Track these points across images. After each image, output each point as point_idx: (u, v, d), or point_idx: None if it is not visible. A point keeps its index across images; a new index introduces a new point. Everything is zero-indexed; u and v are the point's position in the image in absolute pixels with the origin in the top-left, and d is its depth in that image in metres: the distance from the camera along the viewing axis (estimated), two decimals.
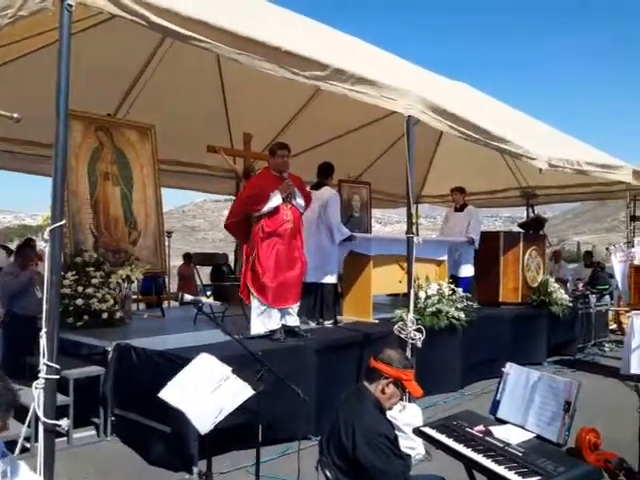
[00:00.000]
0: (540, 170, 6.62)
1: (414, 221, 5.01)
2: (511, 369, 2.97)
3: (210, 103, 8.07)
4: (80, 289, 5.78)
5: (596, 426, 2.69)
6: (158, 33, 3.93)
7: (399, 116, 5.02)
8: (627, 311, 7.49)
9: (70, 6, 2.91)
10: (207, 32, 3.60)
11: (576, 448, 2.40)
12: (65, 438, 4.53)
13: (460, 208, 8.48)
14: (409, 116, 4.94)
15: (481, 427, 2.79)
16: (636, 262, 7.38)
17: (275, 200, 4.99)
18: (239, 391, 2.83)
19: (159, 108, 7.34)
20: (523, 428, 2.72)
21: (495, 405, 2.96)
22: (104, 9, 3.11)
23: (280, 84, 5.07)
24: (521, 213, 12.38)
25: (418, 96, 5.03)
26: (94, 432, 4.89)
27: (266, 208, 4.98)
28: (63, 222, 2.92)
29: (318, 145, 9.13)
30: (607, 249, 8.49)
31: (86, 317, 5.77)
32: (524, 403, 2.79)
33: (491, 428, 2.77)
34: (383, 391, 2.77)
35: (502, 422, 2.86)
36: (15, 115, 2.91)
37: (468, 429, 2.80)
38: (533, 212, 10.03)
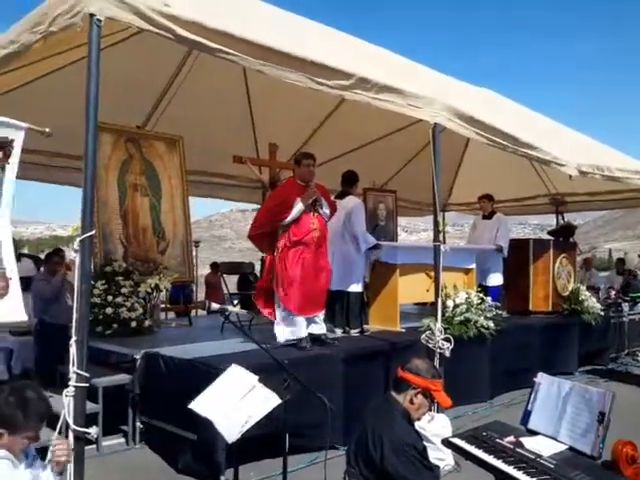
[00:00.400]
0: (570, 176, 6.51)
1: (441, 229, 4.95)
2: (542, 379, 2.90)
3: (236, 114, 8.15)
4: (110, 298, 5.87)
5: (632, 438, 2.61)
6: (185, 46, 3.97)
7: (425, 124, 4.99)
8: None
9: (99, 21, 2.97)
10: (233, 44, 3.63)
11: (612, 461, 2.32)
12: (94, 445, 4.58)
13: (488, 216, 8.39)
14: (435, 124, 4.91)
15: (512, 438, 2.73)
16: None
17: (298, 208, 4.99)
18: (266, 400, 2.83)
19: (187, 119, 7.44)
20: (555, 439, 2.66)
21: (526, 416, 2.89)
22: (132, 23, 3.17)
23: (305, 94, 5.09)
24: (550, 220, 12.20)
25: (444, 103, 5.00)
26: (123, 440, 4.94)
27: (290, 217, 4.99)
28: (92, 232, 2.97)
29: (343, 154, 9.12)
30: (639, 256, 8.29)
31: (115, 326, 5.85)
32: (556, 414, 2.72)
33: (522, 439, 2.71)
34: (412, 401, 2.74)
35: (533, 433, 2.79)
36: (47, 130, 2.99)
37: (498, 440, 2.74)
38: (563, 219, 9.87)
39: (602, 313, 8.24)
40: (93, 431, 2.92)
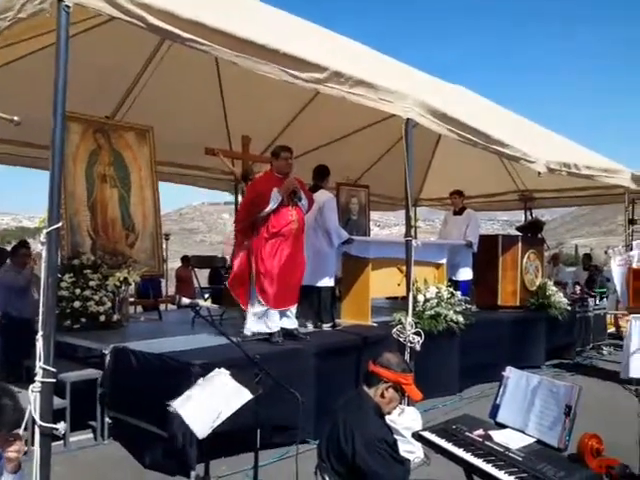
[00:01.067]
0: (539, 173, 6.61)
1: (413, 224, 4.98)
2: (511, 373, 2.95)
3: (208, 105, 8.06)
4: (77, 291, 5.76)
5: (597, 431, 2.67)
6: (156, 35, 3.90)
7: (397, 119, 5.01)
8: (625, 314, 7.47)
9: (67, 7, 2.90)
10: (205, 34, 3.58)
11: (578, 454, 2.38)
12: (62, 442, 4.51)
13: (459, 211, 8.48)
14: (408, 119, 4.93)
15: (481, 431, 2.77)
16: (634, 265, 7.36)
17: (276, 199, 4.97)
18: (237, 395, 2.82)
19: (157, 110, 7.33)
20: (523, 432, 2.70)
21: (495, 409, 2.94)
22: (102, 11, 3.10)
23: (278, 87, 5.05)
24: (519, 217, 12.40)
25: (416, 99, 5.03)
26: (91, 435, 4.87)
27: (269, 207, 4.96)
28: (59, 224, 2.91)
29: (316, 148, 9.11)
30: (606, 252, 8.48)
31: (83, 320, 5.75)
32: (524, 407, 2.77)
33: (491, 432, 2.75)
34: (382, 395, 2.75)
35: (502, 426, 2.84)
36: (15, 118, 2.91)
37: (468, 433, 2.78)
38: (531, 215, 10.03)
39: (569, 308, 8.41)
40: (60, 427, 2.86)
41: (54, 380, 2.89)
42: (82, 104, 6.00)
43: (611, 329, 10.42)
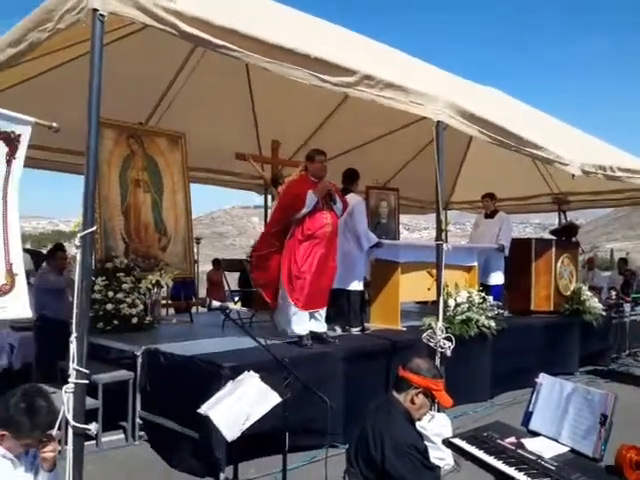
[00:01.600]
0: (573, 176, 6.48)
1: (443, 228, 4.94)
2: (544, 380, 2.89)
3: (239, 111, 8.14)
4: (110, 294, 5.87)
5: (634, 441, 2.59)
6: (189, 42, 3.95)
7: (427, 122, 4.97)
8: None
9: (102, 16, 2.96)
10: (237, 41, 3.61)
11: (616, 465, 2.32)
12: (94, 442, 4.59)
13: (491, 214, 8.36)
14: (438, 121, 4.89)
15: (513, 439, 2.73)
16: None
17: (312, 201, 5.00)
18: (266, 398, 2.83)
19: (189, 116, 7.44)
20: (557, 441, 2.65)
21: (527, 416, 2.88)
22: (136, 19, 3.16)
23: (308, 91, 5.07)
24: (552, 220, 12.17)
25: (447, 101, 4.98)
26: (122, 436, 4.95)
27: (305, 210, 4.98)
28: (94, 228, 2.97)
29: (346, 152, 9.10)
30: None
31: (116, 322, 5.85)
32: (558, 415, 2.71)
33: (523, 440, 2.70)
34: (412, 401, 2.73)
35: (534, 434, 2.79)
36: (54, 125, 2.98)
37: (499, 441, 2.74)
38: (565, 219, 9.84)
39: (604, 313, 8.21)
40: (93, 427, 2.91)
41: (87, 381, 2.94)
42: (116, 111, 6.12)
43: None
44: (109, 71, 3.07)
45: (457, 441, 2.88)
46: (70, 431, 2.86)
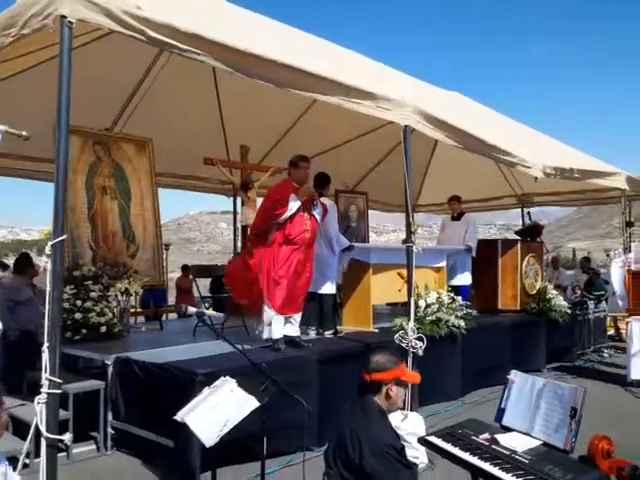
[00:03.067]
0: (535, 179, 6.65)
1: (413, 230, 5.01)
2: (516, 376, 2.96)
3: (207, 116, 8.11)
4: (79, 303, 5.76)
5: (600, 432, 2.68)
6: (156, 47, 3.94)
7: (393, 126, 5.06)
8: (625, 316, 7.50)
9: (71, 23, 2.93)
10: (204, 46, 3.63)
11: (589, 456, 2.39)
12: (65, 453, 4.50)
13: (457, 216, 8.52)
14: (405, 125, 4.97)
15: (487, 435, 2.78)
16: (633, 268, 7.40)
17: (294, 204, 5.01)
18: (244, 403, 2.83)
19: (156, 121, 7.38)
20: (529, 435, 2.71)
21: (500, 413, 2.95)
22: (104, 25, 3.14)
23: (276, 96, 5.10)
24: (516, 221, 12.44)
25: (413, 106, 5.08)
26: (94, 447, 4.86)
27: (288, 212, 4.99)
28: (64, 237, 2.93)
29: (314, 156, 9.13)
30: (608, 255, 8.53)
31: (84, 331, 5.74)
32: (530, 410, 2.78)
33: (497, 436, 2.76)
34: (388, 396, 2.75)
35: (508, 430, 2.85)
36: (24, 133, 2.93)
37: (474, 437, 2.79)
38: (530, 219, 10.07)
39: (569, 311, 8.43)
40: (67, 438, 2.88)
41: (60, 391, 2.90)
42: (81, 117, 6.00)
43: (611, 331, 10.45)
44: (73, 76, 3.03)
45: (433, 439, 2.93)
46: (43, 443, 2.82)
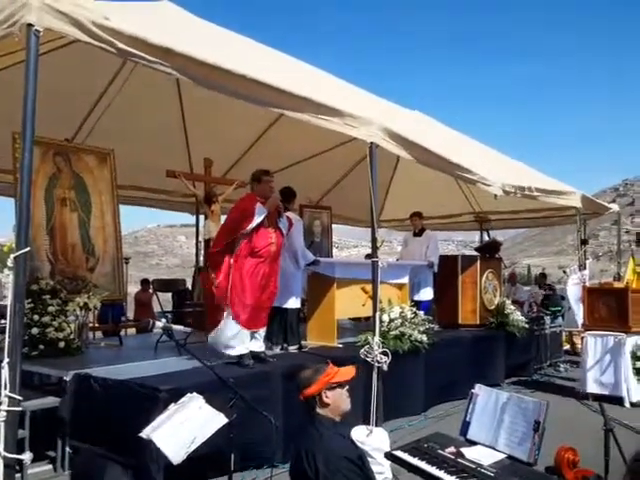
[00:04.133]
0: (495, 196, 6.83)
1: (379, 245, 5.07)
2: (480, 390, 3.03)
3: (170, 128, 8.04)
4: (36, 317, 5.58)
5: (558, 444, 2.76)
6: (124, 58, 3.91)
7: (356, 142, 5.13)
8: (580, 331, 7.72)
9: (38, 32, 2.89)
10: (173, 59, 3.63)
11: (555, 466, 2.47)
12: (19, 474, 4.32)
13: (419, 233, 8.65)
14: (372, 142, 5.05)
15: (452, 449, 2.83)
16: (588, 284, 7.65)
17: (260, 215, 4.99)
18: (212, 419, 2.79)
19: (119, 133, 7.27)
20: (494, 449, 2.77)
21: (465, 426, 3.00)
22: (72, 35, 3.11)
23: (240, 110, 5.12)
24: (473, 237, 12.72)
25: (380, 124, 5.18)
26: (50, 467, 4.69)
27: (254, 222, 4.96)
28: (27, 249, 2.85)
29: (278, 170, 9.16)
30: (564, 272, 8.78)
31: (42, 346, 5.56)
32: (494, 424, 2.84)
33: (462, 449, 2.81)
34: (326, 404, 2.74)
35: (473, 443, 2.90)
36: None
37: (440, 451, 2.83)
38: (488, 236, 10.32)
39: (526, 326, 8.62)
40: (26, 457, 2.78)
41: (20, 409, 2.81)
42: (42, 127, 5.85)
43: (566, 346, 10.73)
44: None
45: (399, 453, 2.96)
46: (0, 462, 2.71)
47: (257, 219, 4.99)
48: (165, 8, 6.08)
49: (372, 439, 4.36)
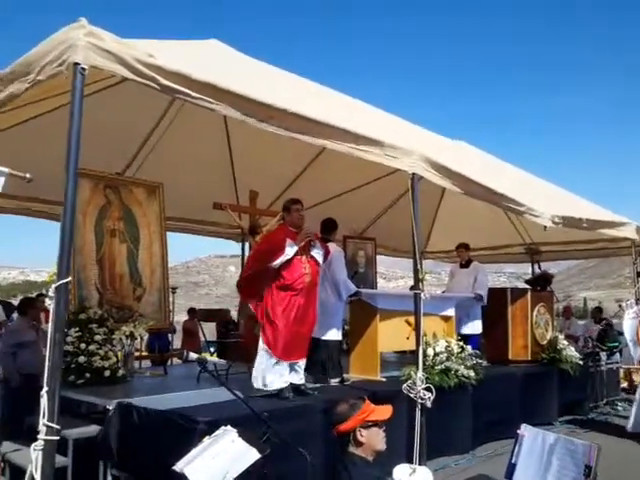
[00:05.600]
0: (545, 227, 6.63)
1: (422, 277, 4.96)
2: (526, 431, 2.87)
3: (217, 161, 8.23)
4: (82, 346, 5.71)
5: None
6: (168, 95, 4.02)
7: (402, 173, 5.08)
8: (638, 369, 7.31)
9: (83, 69, 3.00)
10: (215, 94, 3.70)
11: None
12: None
13: (466, 264, 8.46)
14: (413, 173, 5.00)
15: None
16: None
17: (291, 249, 4.95)
18: (244, 455, 2.74)
19: (168, 166, 7.49)
20: None
21: (511, 468, 2.85)
22: (116, 72, 3.21)
23: (286, 142, 5.16)
24: (525, 269, 12.34)
25: (421, 154, 5.12)
26: None
27: (282, 257, 4.92)
28: (69, 279, 2.91)
29: (322, 202, 9.20)
30: (620, 306, 8.39)
31: (88, 375, 5.67)
32: (541, 467, 2.68)
33: None
34: (360, 443, 2.66)
35: None
36: (27, 175, 2.97)
37: None
38: (539, 268, 9.99)
39: (581, 362, 8.24)
40: None
41: (57, 438, 2.83)
42: (93, 161, 6.13)
43: (624, 384, 10.18)
44: (87, 121, 3.09)
45: None
46: None
47: (287, 254, 4.93)
48: (213, 47, 6.29)
49: (415, 478, 4.20)
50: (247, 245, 8.48)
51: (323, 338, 5.84)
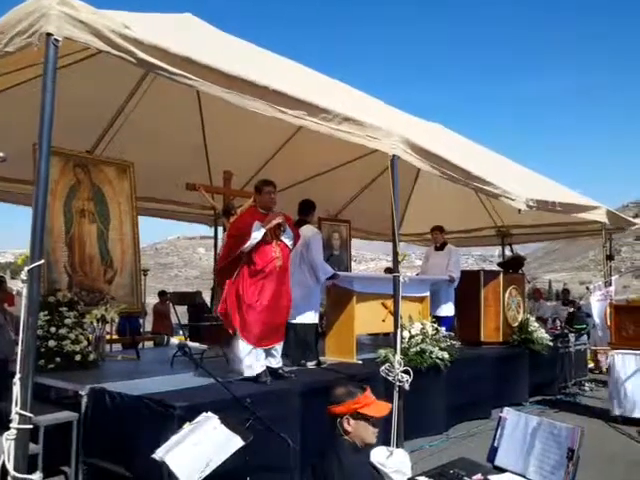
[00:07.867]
0: (519, 211, 6.67)
1: (400, 259, 4.94)
2: (508, 414, 2.88)
3: (190, 140, 8.03)
4: (52, 330, 5.54)
5: (587, 470, 2.59)
6: (145, 69, 3.88)
7: (376, 155, 5.03)
8: (607, 350, 7.48)
9: (57, 41, 2.85)
10: (195, 70, 3.57)
11: None
12: None
13: (440, 247, 8.49)
14: (394, 155, 4.95)
15: (479, 476, 2.69)
16: (614, 301, 7.42)
17: (258, 233, 4.83)
18: (227, 442, 2.68)
19: (139, 145, 7.27)
20: (523, 477, 2.63)
21: (493, 452, 2.86)
22: (91, 45, 3.06)
23: (260, 122, 5.05)
24: (492, 251, 12.50)
25: (401, 136, 5.07)
26: None
27: (250, 241, 4.81)
28: (42, 262, 2.79)
29: (297, 183, 9.11)
30: (587, 288, 8.56)
31: (58, 359, 5.52)
32: (524, 450, 2.69)
33: (490, 477, 2.66)
34: (346, 431, 2.63)
35: (501, 470, 2.76)
36: (1, 154, 2.82)
37: (466, 478, 2.69)
38: (511, 251, 10.11)
39: (551, 344, 8.40)
40: (36, 477, 2.69)
41: (30, 426, 2.72)
42: (62, 138, 5.89)
43: (591, 364, 10.46)
44: (56, 96, 2.93)
45: (423, 479, 2.81)
46: None
47: (254, 238, 4.81)
48: (188, 21, 6.08)
49: (392, 461, 4.18)
50: (220, 227, 8.36)
51: (300, 322, 5.79)
